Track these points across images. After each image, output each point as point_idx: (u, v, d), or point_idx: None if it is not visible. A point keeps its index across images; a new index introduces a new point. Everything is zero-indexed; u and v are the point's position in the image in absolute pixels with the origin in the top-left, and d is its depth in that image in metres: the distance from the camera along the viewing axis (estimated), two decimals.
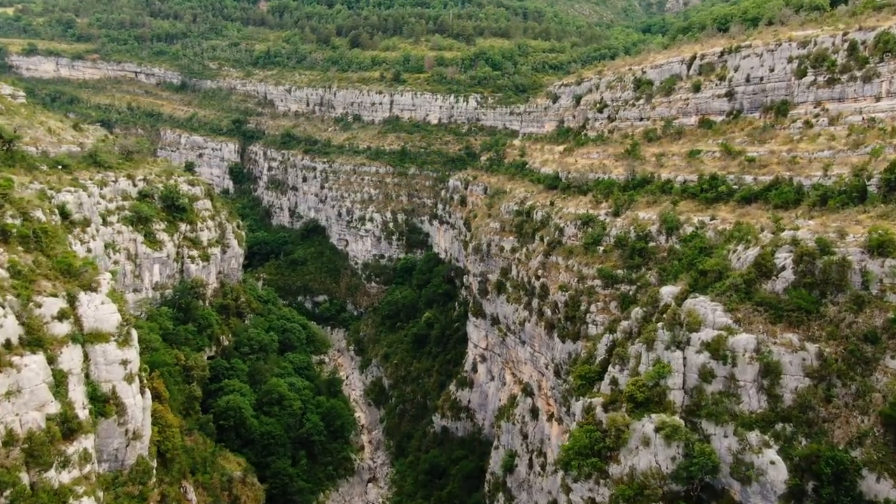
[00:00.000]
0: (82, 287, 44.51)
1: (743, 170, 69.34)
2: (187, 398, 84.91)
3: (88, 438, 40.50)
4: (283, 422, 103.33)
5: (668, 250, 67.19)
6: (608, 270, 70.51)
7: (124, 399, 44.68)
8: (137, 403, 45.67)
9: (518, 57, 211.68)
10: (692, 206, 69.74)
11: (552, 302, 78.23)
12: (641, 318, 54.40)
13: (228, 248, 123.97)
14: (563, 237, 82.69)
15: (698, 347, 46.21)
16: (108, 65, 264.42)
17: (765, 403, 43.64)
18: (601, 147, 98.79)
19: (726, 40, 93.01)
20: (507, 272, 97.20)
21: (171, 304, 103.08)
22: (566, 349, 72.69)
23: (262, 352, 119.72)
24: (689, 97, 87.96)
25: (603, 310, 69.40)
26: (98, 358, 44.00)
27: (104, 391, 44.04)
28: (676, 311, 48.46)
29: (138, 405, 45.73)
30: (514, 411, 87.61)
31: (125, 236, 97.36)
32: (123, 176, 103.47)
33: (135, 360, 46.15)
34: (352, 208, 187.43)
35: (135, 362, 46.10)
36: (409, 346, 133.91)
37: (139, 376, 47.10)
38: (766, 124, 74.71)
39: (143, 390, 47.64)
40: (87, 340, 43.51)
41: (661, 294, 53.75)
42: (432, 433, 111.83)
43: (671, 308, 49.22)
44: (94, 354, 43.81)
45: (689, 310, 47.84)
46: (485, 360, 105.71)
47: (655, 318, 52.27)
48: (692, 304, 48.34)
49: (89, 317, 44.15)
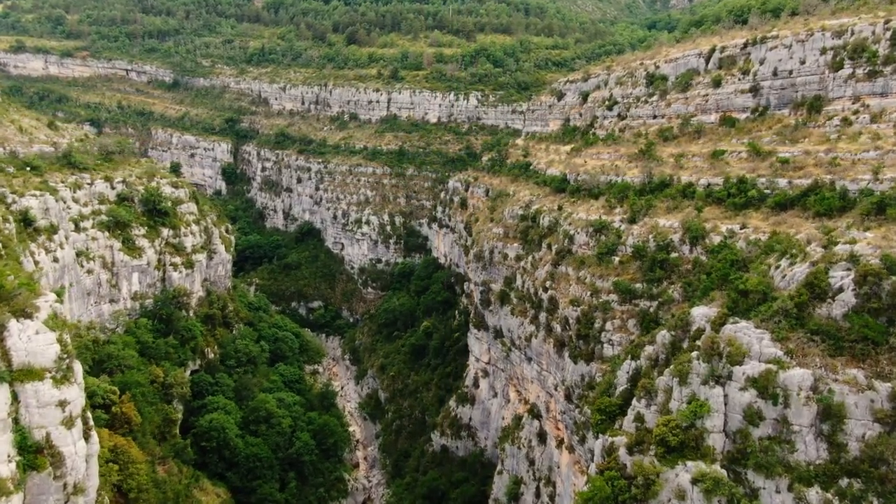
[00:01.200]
0: (14, 313, 37.35)
1: (775, 172, 62.35)
2: (164, 421, 77.99)
3: (12, 499, 33.45)
4: (271, 441, 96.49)
5: (692, 262, 60.21)
6: (625, 284, 63.51)
7: (62, 447, 37.51)
8: (79, 451, 38.55)
9: (520, 53, 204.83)
10: (718, 213, 62.79)
11: (562, 317, 71.21)
12: (669, 343, 47.40)
13: (215, 254, 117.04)
14: (574, 245, 75.71)
15: (742, 383, 39.26)
16: (98, 62, 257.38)
17: (825, 453, 36.69)
18: (612, 147, 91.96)
19: (747, 32, 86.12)
20: (512, 282, 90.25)
21: (151, 315, 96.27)
22: (578, 371, 65.70)
23: (251, 364, 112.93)
24: (708, 93, 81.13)
25: (620, 328, 62.40)
26: (29, 399, 36.60)
27: (36, 439, 36.64)
28: (714, 338, 41.43)
29: (80, 453, 38.60)
30: (520, 434, 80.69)
31: (100, 243, 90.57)
32: (100, 178, 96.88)
33: (77, 400, 38.94)
34: (348, 210, 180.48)
35: (76, 402, 38.88)
36: (407, 357, 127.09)
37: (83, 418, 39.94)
38: (798, 122, 67.76)
39: (89, 434, 40.50)
40: (16, 378, 36.31)
41: (692, 316, 46.73)
42: (431, 452, 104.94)
43: (708, 335, 42.17)
44: (24, 395, 36.44)
45: (729, 338, 40.86)
46: (487, 375, 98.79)
47: (687, 344, 45.30)
48: (733, 330, 41.34)
49: (20, 349, 36.94)
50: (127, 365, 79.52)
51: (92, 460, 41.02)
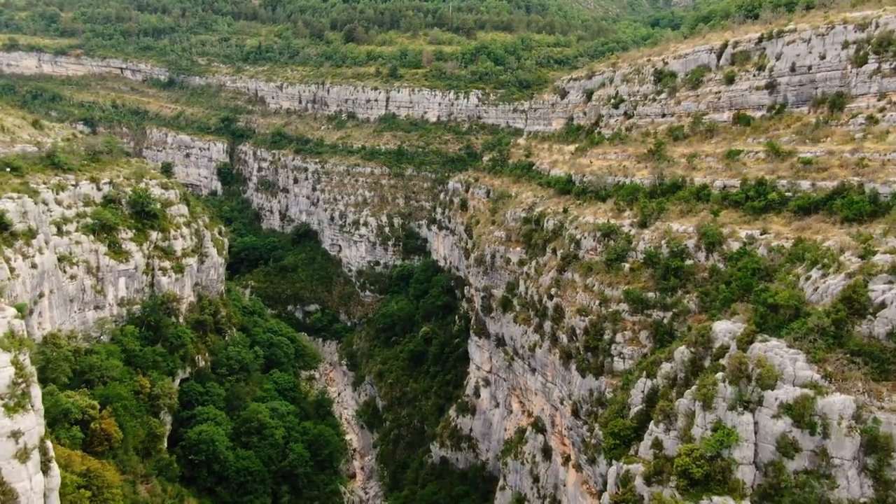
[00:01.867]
0: None
1: (797, 174, 58.43)
2: (148, 436, 74.00)
3: None
4: (264, 454, 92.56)
5: (709, 270, 56.25)
6: (636, 293, 59.53)
7: (14, 483, 33.32)
8: (36, 487, 34.49)
9: (521, 51, 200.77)
10: (736, 217, 58.87)
11: (569, 327, 67.23)
12: (689, 361, 43.47)
13: (207, 258, 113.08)
14: (580, 251, 71.74)
15: (775, 410, 35.33)
16: (92, 61, 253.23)
17: (870, 490, 32.80)
18: (619, 146, 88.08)
19: (760, 26, 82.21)
20: (514, 287, 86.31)
21: (138, 322, 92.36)
22: (587, 385, 61.73)
23: (244, 371, 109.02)
24: (720, 90, 77.22)
25: (631, 340, 58.46)
26: None
27: None
28: (742, 359, 37.46)
29: (37, 489, 34.54)
30: (523, 448, 76.73)
31: (85, 247, 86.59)
32: (86, 179, 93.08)
33: (33, 430, 34.83)
34: (345, 211, 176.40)
35: (33, 432, 34.77)
36: (405, 363, 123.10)
37: (41, 448, 35.91)
38: (819, 120, 63.79)
39: (48, 466, 36.52)
40: None
41: (714, 331, 42.77)
42: (430, 464, 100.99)
43: (734, 355, 38.18)
44: None
45: (759, 358, 36.91)
46: (488, 384, 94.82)
47: (710, 363, 41.36)
48: (763, 350, 37.39)
49: None
50: (110, 376, 75.58)
51: (52, 494, 37.01)
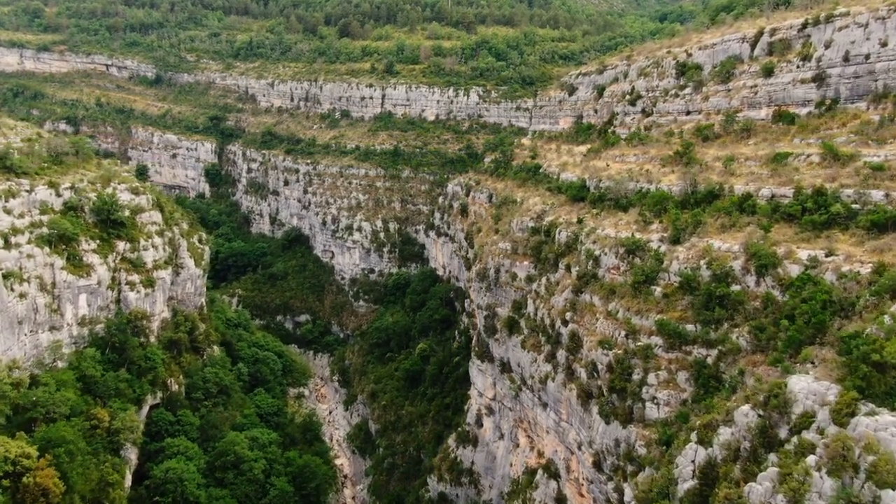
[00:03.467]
0: None
1: (864, 182, 48.64)
2: (100, 484, 64.03)
3: None
4: (240, 491, 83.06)
5: (762, 299, 46.38)
6: (672, 324, 49.67)
7: None
8: None
9: (524, 46, 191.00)
10: (792, 234, 49.04)
11: (588, 361, 57.40)
12: (756, 427, 33.67)
13: (182, 269, 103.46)
14: (600, 269, 61.94)
15: None
16: (76, 57, 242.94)
17: None
18: (639, 148, 78.47)
19: (801, 12, 72.36)
20: (521, 307, 76.51)
21: (102, 343, 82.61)
22: (612, 433, 51.89)
23: (222, 395, 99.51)
24: (756, 83, 67.50)
25: (667, 383, 48.59)
26: None
27: None
28: (845, 440, 27.67)
29: None
30: (533, 494, 66.89)
31: (38, 261, 76.78)
32: (43, 184, 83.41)
33: None
34: (338, 216, 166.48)
35: None
36: (400, 383, 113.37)
37: None
38: (884, 118, 54.06)
39: None
40: None
41: (790, 391, 32.96)
42: (427, 499, 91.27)
43: (834, 436, 28.37)
44: None
45: (869, 441, 27.13)
46: (492, 413, 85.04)
47: (786, 433, 31.56)
48: (872, 427, 27.61)
49: None
50: (58, 412, 65.74)
51: None
